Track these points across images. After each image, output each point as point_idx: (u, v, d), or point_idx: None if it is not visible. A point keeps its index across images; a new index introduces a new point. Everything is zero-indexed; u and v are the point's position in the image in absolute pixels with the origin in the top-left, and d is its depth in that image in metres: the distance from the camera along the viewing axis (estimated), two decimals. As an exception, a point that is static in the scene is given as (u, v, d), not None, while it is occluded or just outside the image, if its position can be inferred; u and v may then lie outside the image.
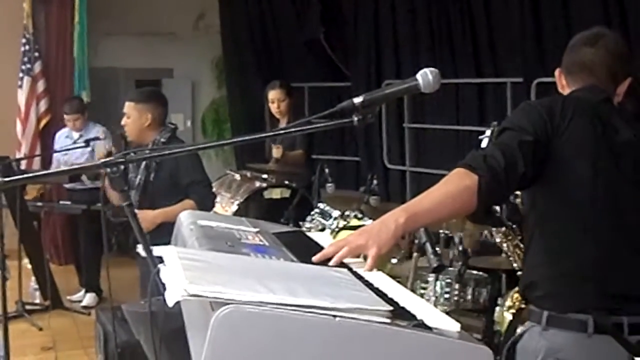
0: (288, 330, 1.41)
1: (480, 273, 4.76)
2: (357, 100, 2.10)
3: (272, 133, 2.66)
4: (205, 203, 4.77)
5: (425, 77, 2.07)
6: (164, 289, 1.60)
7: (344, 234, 4.97)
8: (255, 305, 1.42)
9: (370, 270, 2.04)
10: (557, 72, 2.73)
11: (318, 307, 1.47)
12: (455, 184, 2.30)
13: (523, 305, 2.47)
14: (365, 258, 2.11)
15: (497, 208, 3.08)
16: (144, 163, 4.76)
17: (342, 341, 1.44)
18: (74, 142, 7.74)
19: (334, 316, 1.46)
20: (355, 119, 2.09)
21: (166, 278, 1.60)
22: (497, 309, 2.41)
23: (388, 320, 1.52)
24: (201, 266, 1.64)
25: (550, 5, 6.78)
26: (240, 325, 1.38)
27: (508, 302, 4.06)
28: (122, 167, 2.06)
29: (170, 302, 1.48)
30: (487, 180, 2.28)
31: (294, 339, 1.41)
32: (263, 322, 1.40)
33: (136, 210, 4.39)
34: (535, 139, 2.41)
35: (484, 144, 2.63)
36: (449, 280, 4.74)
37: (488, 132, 2.55)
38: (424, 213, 2.25)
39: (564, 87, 2.70)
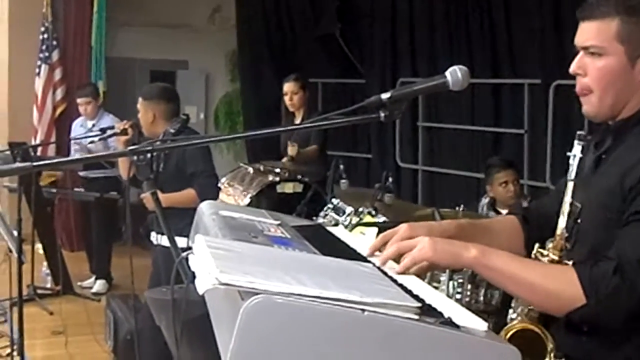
0: (317, 322, 1.40)
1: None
2: (385, 96, 2.06)
3: (287, 128, 2.64)
4: (206, 193, 4.80)
5: (455, 74, 2.03)
6: (193, 277, 1.60)
7: (359, 230, 4.98)
8: (286, 296, 1.41)
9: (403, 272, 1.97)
10: None
11: (347, 300, 1.46)
12: (554, 289, 1.94)
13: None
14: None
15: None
16: (154, 154, 4.79)
17: (370, 335, 1.43)
18: (89, 131, 7.77)
19: (363, 310, 1.45)
20: (382, 115, 2.05)
21: (196, 266, 1.60)
22: (510, 311, 2.32)
23: (416, 317, 1.51)
24: (230, 255, 1.63)
25: (571, 4, 6.71)
26: (270, 315, 1.37)
27: (521, 306, 4.05)
28: (148, 155, 2.06)
29: (201, 290, 1.48)
30: (592, 312, 1.89)
31: (322, 331, 1.40)
32: (292, 313, 1.39)
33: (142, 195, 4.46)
34: None
35: (573, 167, 2.26)
36: (461, 281, 4.72)
37: (578, 149, 2.23)
38: (499, 274, 1.99)
39: None
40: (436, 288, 4.71)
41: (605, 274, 1.87)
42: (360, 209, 5.49)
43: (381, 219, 5.30)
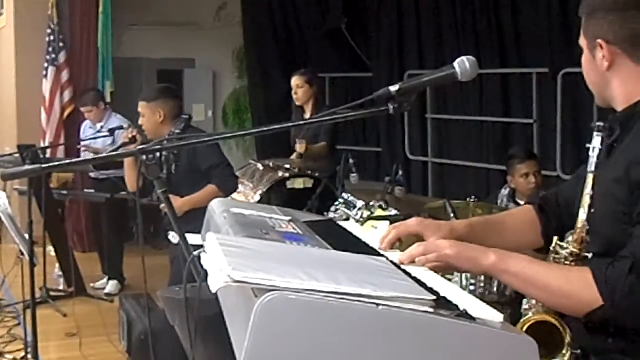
0: (331, 318, 1.40)
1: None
2: (394, 88, 2.06)
3: (295, 124, 2.64)
4: (228, 185, 4.83)
5: (463, 65, 2.03)
6: (205, 275, 1.60)
7: (371, 224, 4.97)
8: (299, 292, 1.41)
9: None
10: (605, 47, 2.09)
11: (361, 295, 1.46)
12: (569, 291, 1.95)
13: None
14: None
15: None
16: (163, 157, 4.81)
17: (385, 329, 1.43)
18: (98, 132, 7.80)
19: (377, 304, 1.45)
20: (392, 107, 2.05)
21: (208, 264, 1.59)
22: (525, 301, 2.31)
23: (431, 310, 1.50)
24: (242, 253, 1.63)
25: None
26: (284, 312, 1.37)
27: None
28: (157, 154, 2.07)
29: (214, 289, 1.48)
30: (609, 315, 1.90)
31: (337, 327, 1.40)
32: (307, 309, 1.39)
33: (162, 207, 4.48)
34: None
35: (593, 159, 2.24)
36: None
37: (598, 141, 2.22)
38: (517, 278, 2.01)
39: (612, 66, 2.10)
40: (449, 280, 4.69)
41: (621, 274, 1.85)
42: (371, 203, 5.49)
43: (392, 212, 5.30)
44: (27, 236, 5.00)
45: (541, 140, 8.19)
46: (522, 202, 5.59)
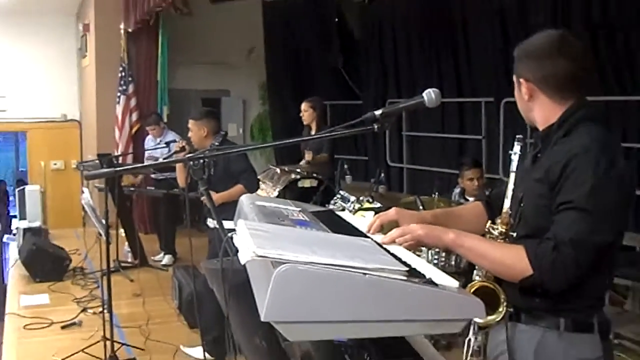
0: (329, 284, 1.40)
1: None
2: (378, 112, 2.07)
3: (303, 139, 2.63)
4: (252, 186, 4.83)
5: (429, 95, 2.04)
6: (235, 251, 1.60)
7: (360, 214, 4.98)
8: (306, 264, 1.41)
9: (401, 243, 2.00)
10: (525, 84, 2.12)
11: (352, 266, 1.46)
12: (509, 263, 1.97)
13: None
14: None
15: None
16: (205, 162, 4.81)
17: (370, 292, 1.43)
18: (157, 144, 7.84)
19: (364, 273, 1.45)
20: (376, 126, 2.06)
21: (238, 243, 1.60)
22: (475, 272, 2.32)
23: (405, 278, 1.51)
24: (264, 235, 1.63)
25: (516, 37, 6.68)
26: (295, 279, 1.37)
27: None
28: (201, 160, 2.07)
29: (243, 261, 1.48)
30: (537, 281, 1.93)
31: (334, 290, 1.40)
32: (312, 277, 1.39)
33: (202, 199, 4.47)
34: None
35: (514, 162, 2.29)
36: (437, 250, 4.71)
37: (517, 149, 2.28)
38: (470, 252, 2.03)
39: (534, 95, 2.11)
40: (418, 256, 4.72)
41: (546, 252, 1.90)
42: (361, 198, 5.50)
43: (377, 205, 5.31)
44: (103, 221, 5.01)
45: (488, 151, 8.17)
46: (470, 198, 5.60)
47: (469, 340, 5.09)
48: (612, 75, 6.65)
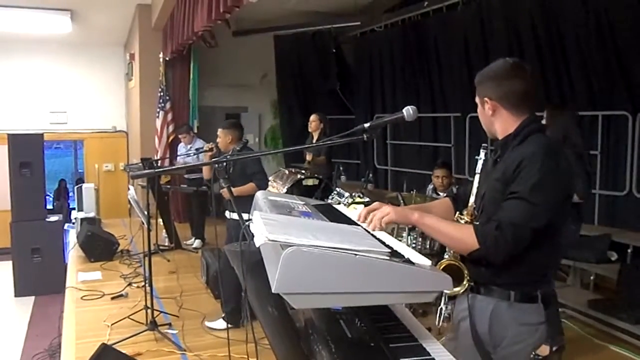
0: (327, 262, 1.41)
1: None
2: (366, 125, 2.08)
3: (305, 146, 2.62)
4: (262, 185, 4.82)
5: (408, 111, 2.06)
6: (252, 236, 1.60)
7: (353, 206, 4.97)
8: (309, 247, 1.41)
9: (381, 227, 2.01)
10: (490, 102, 2.10)
11: (346, 248, 1.46)
12: (459, 237, 1.97)
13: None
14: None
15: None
16: (226, 163, 4.80)
17: (360, 269, 1.43)
18: (188, 151, 7.83)
19: (355, 254, 1.45)
20: (365, 136, 2.08)
21: (254, 230, 1.59)
22: (445, 254, 2.33)
23: (388, 258, 1.51)
24: (274, 223, 1.63)
25: (478, 64, 6.75)
26: (299, 259, 1.37)
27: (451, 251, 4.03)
28: (224, 163, 2.07)
29: (258, 244, 1.48)
30: (482, 254, 1.95)
31: (331, 267, 1.41)
32: (313, 257, 1.39)
33: (221, 190, 4.46)
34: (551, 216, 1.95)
35: (479, 165, 2.31)
36: (415, 235, 4.70)
37: (482, 155, 2.30)
38: (429, 228, 2.03)
39: (497, 110, 2.10)
40: (400, 240, 4.71)
41: (490, 230, 1.93)
42: (353, 194, 5.49)
43: (366, 199, 5.29)
44: (145, 212, 5.01)
45: (456, 157, 8.18)
46: (440, 194, 5.60)
47: (441, 308, 5.10)
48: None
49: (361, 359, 1.54)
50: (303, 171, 6.67)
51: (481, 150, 2.29)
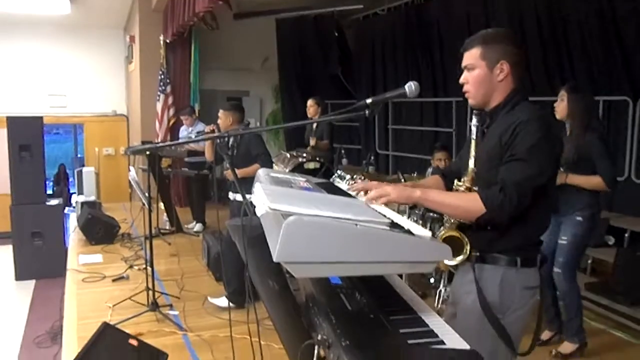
0: (328, 231, 1.42)
1: (436, 214, 4.74)
2: (368, 100, 2.09)
3: (304, 122, 2.64)
4: (267, 166, 4.82)
5: (410, 87, 2.05)
6: (253, 212, 1.62)
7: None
8: (309, 216, 1.43)
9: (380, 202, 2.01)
10: (505, 66, 2.10)
11: (346, 218, 1.48)
12: (465, 205, 2.01)
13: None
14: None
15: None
16: (230, 144, 4.81)
17: (360, 238, 1.45)
18: (189, 134, 7.84)
19: (356, 224, 1.46)
20: (367, 112, 2.08)
21: (256, 201, 1.61)
22: (442, 227, 2.39)
23: (388, 228, 1.53)
24: (276, 194, 1.65)
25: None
26: (300, 227, 1.39)
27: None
28: (227, 143, 2.09)
29: (259, 214, 1.50)
30: (489, 217, 1.99)
31: (331, 237, 1.42)
32: (314, 226, 1.41)
33: (225, 172, 4.47)
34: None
35: (473, 131, 2.31)
36: (415, 218, 4.73)
37: (475, 121, 2.29)
38: (433, 203, 2.05)
39: (507, 76, 2.11)
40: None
41: (495, 193, 1.98)
42: (354, 176, 5.49)
43: (366, 181, 5.31)
44: (147, 194, 5.03)
45: (457, 141, 8.17)
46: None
47: (440, 290, 5.12)
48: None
49: (362, 330, 1.55)
50: (304, 155, 6.69)
51: (474, 117, 2.32)
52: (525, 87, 2.30)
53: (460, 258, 2.15)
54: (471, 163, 2.21)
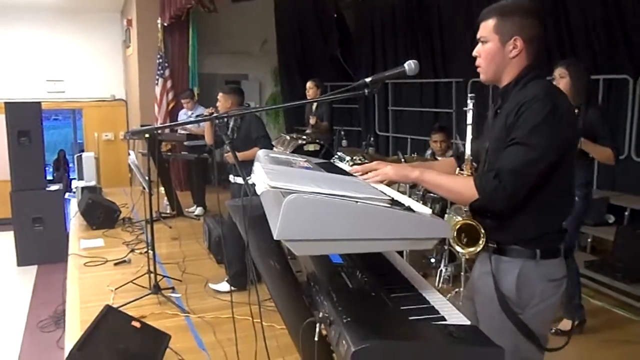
0: (329, 209, 1.42)
1: (436, 195, 4.74)
2: (368, 79, 2.06)
3: (303, 102, 2.61)
4: (267, 148, 4.81)
5: (410, 65, 2.02)
6: (254, 192, 1.62)
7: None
8: (310, 194, 1.43)
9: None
10: (519, 42, 1.98)
11: (347, 195, 1.48)
12: (458, 189, 1.95)
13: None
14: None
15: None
16: (231, 127, 4.81)
17: (361, 216, 1.44)
18: (189, 117, 7.82)
19: (356, 201, 1.47)
20: (366, 91, 2.05)
21: (256, 179, 1.61)
22: (446, 215, 2.35)
23: (388, 205, 1.53)
24: (276, 172, 1.65)
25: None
26: (301, 205, 1.39)
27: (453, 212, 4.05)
28: (226, 125, 2.09)
29: (259, 192, 1.50)
30: (481, 204, 1.90)
31: (332, 214, 1.42)
32: (314, 204, 1.40)
33: (225, 155, 4.46)
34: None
35: (469, 116, 2.24)
36: (416, 198, 4.72)
37: (470, 105, 2.23)
38: (429, 184, 2.01)
39: (520, 53, 1.99)
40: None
41: (489, 179, 1.87)
42: (354, 158, 5.51)
43: (366, 162, 5.32)
44: (147, 178, 5.03)
45: (457, 122, 8.16)
46: (438, 158, 5.60)
47: (441, 270, 5.14)
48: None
49: (363, 307, 1.55)
50: (304, 137, 6.69)
51: (469, 101, 2.26)
52: (542, 64, 2.17)
53: (473, 248, 2.05)
54: (467, 151, 2.17)
